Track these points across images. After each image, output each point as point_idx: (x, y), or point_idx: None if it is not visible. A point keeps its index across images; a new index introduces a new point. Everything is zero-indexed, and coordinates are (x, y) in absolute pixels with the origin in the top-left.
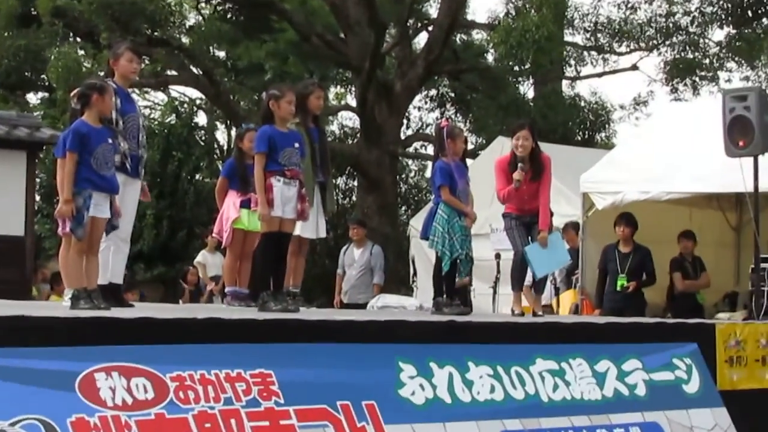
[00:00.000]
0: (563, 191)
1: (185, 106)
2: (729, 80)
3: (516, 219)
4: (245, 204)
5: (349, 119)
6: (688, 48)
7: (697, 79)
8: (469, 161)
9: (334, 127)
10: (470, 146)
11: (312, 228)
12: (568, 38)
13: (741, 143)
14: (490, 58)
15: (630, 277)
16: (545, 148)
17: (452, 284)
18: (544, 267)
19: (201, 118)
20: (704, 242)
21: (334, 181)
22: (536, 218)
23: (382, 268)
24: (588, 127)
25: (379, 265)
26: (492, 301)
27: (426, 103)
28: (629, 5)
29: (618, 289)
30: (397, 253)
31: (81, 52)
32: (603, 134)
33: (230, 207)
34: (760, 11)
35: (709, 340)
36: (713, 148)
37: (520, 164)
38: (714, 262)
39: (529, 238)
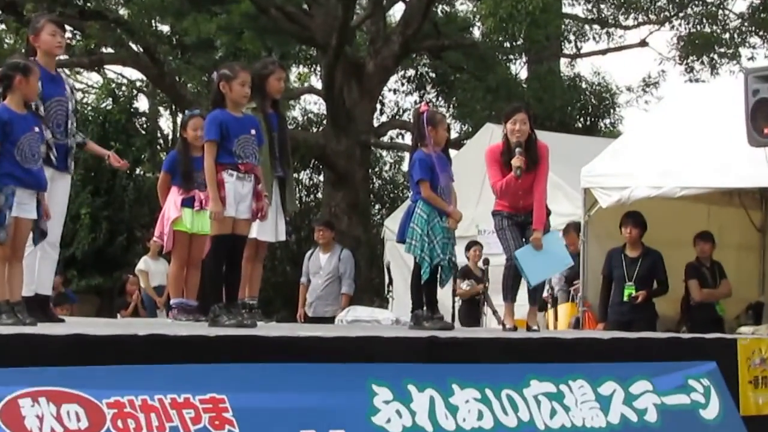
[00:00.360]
0: (561, 186)
1: (123, 88)
2: (752, 58)
3: (508, 218)
4: (187, 202)
5: (314, 104)
6: (705, 21)
7: (715, 56)
8: (452, 152)
9: (296, 113)
10: (454, 135)
11: (270, 230)
12: (566, 10)
13: (766, 130)
14: (476, 32)
15: (638, 285)
16: (540, 136)
17: (433, 295)
18: (539, 273)
19: (142, 103)
20: (724, 245)
21: (296, 175)
22: (531, 217)
23: (353, 276)
24: (590, 113)
25: (348, 272)
26: (479, 313)
27: (403, 85)
28: None
29: (625, 299)
30: (370, 259)
31: (2, 27)
32: (607, 121)
33: (171, 206)
34: None
35: (731, 358)
36: (734, 137)
37: (517, 149)
38: (736, 267)
39: (524, 239)
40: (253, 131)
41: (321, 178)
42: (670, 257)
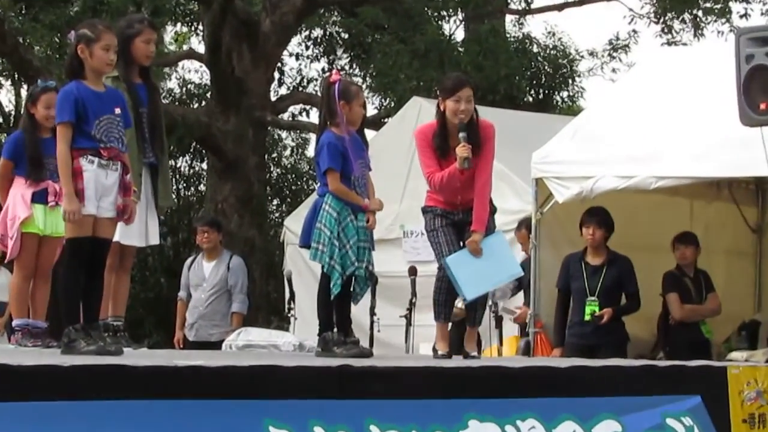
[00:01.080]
0: (507, 176)
1: None
2: (745, 15)
3: (443, 215)
4: (39, 197)
5: (195, 72)
6: None
7: (699, 13)
8: (370, 133)
9: (172, 84)
10: (372, 111)
11: (139, 232)
12: None
13: (762, 105)
14: None
15: (603, 300)
16: (482, 113)
17: (346, 313)
18: (477, 285)
19: None
20: (712, 249)
21: (172, 162)
22: (472, 215)
23: (245, 289)
24: (543, 83)
25: (240, 285)
26: (405, 335)
27: (307, 48)
28: None
29: (586, 318)
30: (267, 268)
31: None
32: (565, 93)
33: (17, 202)
34: None
35: (720, 392)
36: (723, 113)
37: (462, 134)
38: (726, 278)
39: (462, 243)
40: (117, 110)
41: (204, 165)
42: (644, 265)
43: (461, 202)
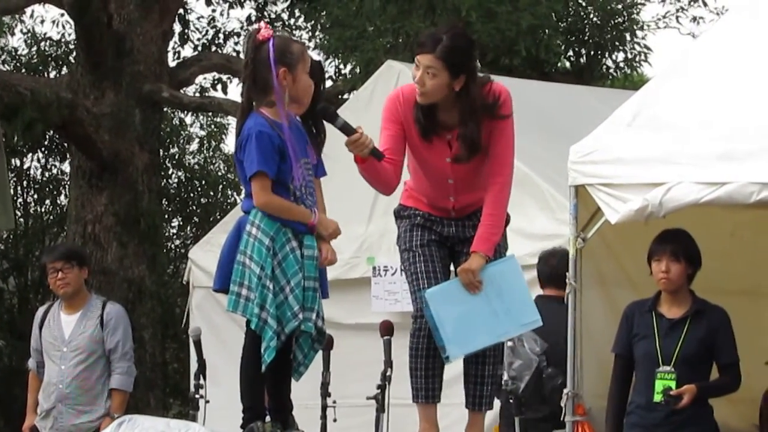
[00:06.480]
0: (529, 181)
1: None
2: None
3: (427, 226)
4: None
5: (52, 23)
6: None
7: None
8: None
9: (17, 41)
10: (326, 83)
11: None
12: None
13: None
14: None
15: (683, 372)
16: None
17: (283, 393)
18: (466, 337)
19: None
20: None
21: (15, 161)
22: (472, 228)
23: (130, 353)
24: (587, 41)
25: (121, 346)
26: (376, 426)
27: None
28: None
29: (656, 398)
30: (163, 324)
31: None
32: (620, 56)
33: None
34: None
35: None
36: None
37: None
38: None
39: (455, 273)
40: None
41: (66, 167)
42: (742, 319)
43: (456, 207)
